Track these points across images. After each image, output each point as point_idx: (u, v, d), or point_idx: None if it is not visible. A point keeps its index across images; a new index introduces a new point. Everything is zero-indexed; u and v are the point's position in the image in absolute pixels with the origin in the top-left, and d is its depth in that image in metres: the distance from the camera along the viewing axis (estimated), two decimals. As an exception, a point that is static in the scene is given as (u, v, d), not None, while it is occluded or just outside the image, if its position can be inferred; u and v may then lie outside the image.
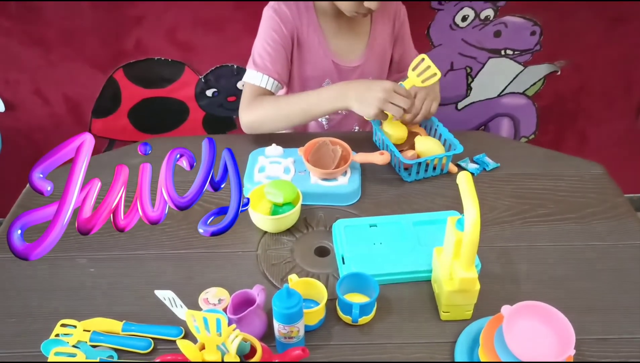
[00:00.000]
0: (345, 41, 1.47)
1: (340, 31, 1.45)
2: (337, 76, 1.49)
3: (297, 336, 0.90)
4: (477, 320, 0.96)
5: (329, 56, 1.45)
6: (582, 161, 1.34)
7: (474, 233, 0.85)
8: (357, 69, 1.49)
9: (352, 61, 1.48)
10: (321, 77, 1.49)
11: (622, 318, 0.97)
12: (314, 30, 1.42)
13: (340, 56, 1.47)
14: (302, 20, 1.41)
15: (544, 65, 1.94)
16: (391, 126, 1.31)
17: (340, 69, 1.48)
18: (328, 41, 1.45)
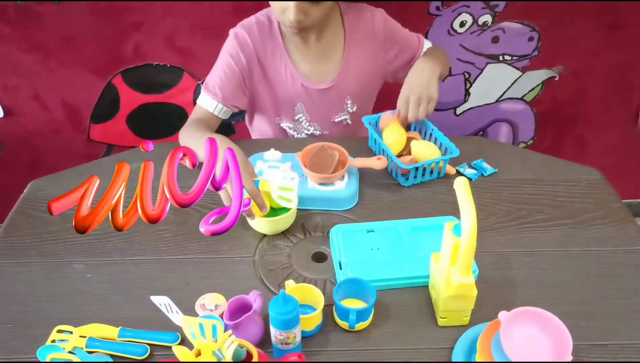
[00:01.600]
0: (316, 64, 1.44)
1: (309, 54, 1.43)
2: (308, 99, 1.47)
3: (293, 342, 0.89)
4: (474, 325, 0.96)
5: (297, 79, 1.43)
6: (580, 167, 1.34)
7: (471, 239, 0.84)
8: (329, 90, 1.46)
9: (323, 83, 1.46)
10: (292, 101, 1.48)
11: (620, 324, 0.97)
12: (279, 55, 1.41)
13: (310, 78, 1.44)
14: (265, 46, 1.40)
15: (542, 70, 1.94)
16: (391, 132, 1.31)
17: (310, 92, 1.46)
18: (295, 65, 1.42)
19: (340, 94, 1.48)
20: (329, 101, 1.47)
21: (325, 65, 1.44)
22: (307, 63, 1.43)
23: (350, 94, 1.49)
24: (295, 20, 1.25)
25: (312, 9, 1.25)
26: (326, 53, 1.43)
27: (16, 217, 1.22)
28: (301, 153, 1.26)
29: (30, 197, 1.28)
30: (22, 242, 1.16)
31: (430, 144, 1.31)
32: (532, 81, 1.98)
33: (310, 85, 1.44)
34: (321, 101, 1.47)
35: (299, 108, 1.48)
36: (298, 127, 1.54)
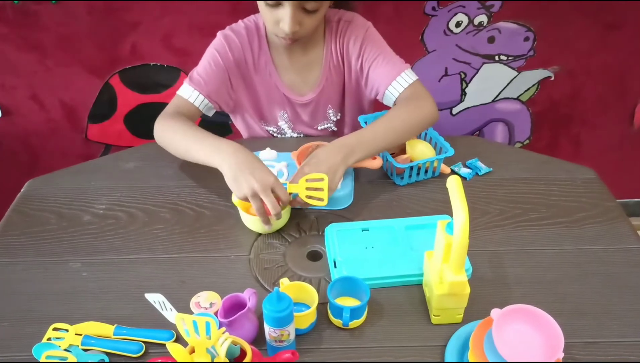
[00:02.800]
0: (298, 75, 1.41)
1: (293, 64, 1.40)
2: (291, 110, 1.45)
3: (287, 339, 0.90)
4: (467, 323, 0.96)
5: (281, 89, 1.41)
6: (574, 166, 1.34)
7: (463, 237, 0.85)
8: (310, 103, 1.44)
9: (304, 96, 1.43)
10: (275, 108, 1.46)
11: (611, 322, 0.98)
12: (265, 62, 1.38)
13: (293, 89, 1.42)
14: (253, 51, 1.37)
15: (537, 70, 1.95)
16: None
17: (292, 103, 1.44)
18: (280, 74, 1.40)
19: (322, 106, 1.45)
20: (311, 112, 1.45)
21: (308, 76, 1.41)
22: (291, 73, 1.41)
23: (333, 104, 1.46)
24: (290, 31, 1.20)
25: (306, 19, 1.21)
26: (309, 64, 1.40)
27: (13, 216, 1.23)
28: (297, 152, 1.27)
29: (27, 196, 1.29)
30: (18, 241, 1.16)
31: (425, 144, 1.32)
32: (527, 81, 1.99)
33: (292, 97, 1.42)
34: (303, 112, 1.45)
35: (282, 115, 1.47)
36: (282, 132, 1.53)
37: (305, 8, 1.18)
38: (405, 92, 1.32)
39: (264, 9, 1.21)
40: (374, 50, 1.34)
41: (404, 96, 1.31)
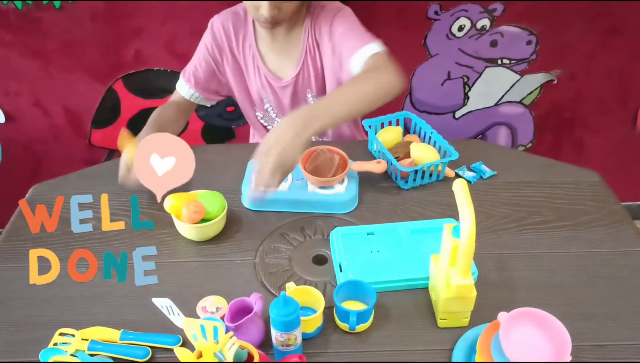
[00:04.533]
0: (279, 59, 1.43)
1: (275, 48, 1.42)
2: (272, 95, 1.47)
3: (294, 344, 0.90)
4: (474, 327, 0.96)
5: (262, 72, 1.44)
6: (579, 169, 1.34)
7: (470, 240, 0.85)
8: (288, 87, 1.44)
9: (283, 79, 1.44)
10: (260, 92, 1.48)
11: (618, 325, 0.98)
12: (249, 46, 1.42)
13: (273, 73, 1.44)
14: (237, 37, 1.41)
15: (540, 74, 1.95)
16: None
17: (272, 88, 1.46)
18: (263, 58, 1.43)
19: (301, 90, 1.46)
20: (290, 96, 1.46)
21: (288, 60, 1.43)
22: (272, 57, 1.43)
23: (312, 89, 1.46)
24: (269, 16, 1.24)
25: (284, 4, 1.25)
26: (289, 48, 1.41)
27: (18, 221, 1.23)
28: (301, 157, 1.27)
29: (32, 201, 1.29)
30: (24, 246, 1.16)
31: (429, 147, 1.32)
32: (530, 85, 1.98)
33: (272, 81, 1.44)
34: (283, 96, 1.46)
35: (266, 100, 1.49)
36: (267, 118, 1.55)
37: None
38: (367, 64, 1.25)
39: None
40: (341, 27, 1.32)
41: (366, 67, 1.25)
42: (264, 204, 1.22)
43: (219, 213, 1.15)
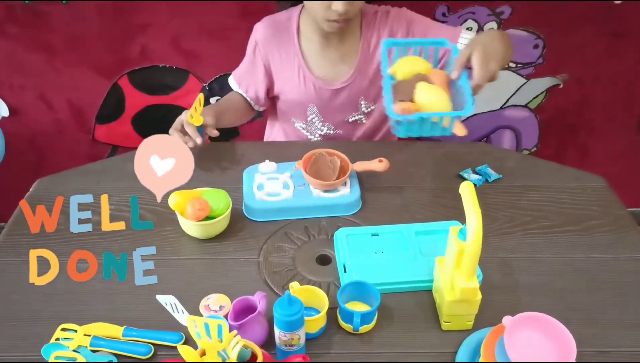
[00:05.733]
0: (331, 66, 1.44)
1: (326, 55, 1.42)
2: (320, 99, 1.47)
3: (297, 344, 0.89)
4: (478, 330, 0.96)
5: (310, 81, 1.43)
6: (584, 174, 1.34)
7: (476, 243, 0.85)
8: (341, 91, 1.45)
9: (335, 84, 1.45)
10: (304, 102, 1.49)
11: (623, 331, 0.97)
12: (294, 54, 1.42)
13: (324, 79, 1.44)
14: (279, 45, 1.41)
15: (546, 78, 1.95)
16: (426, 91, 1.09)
17: (322, 92, 1.45)
18: (309, 66, 1.43)
19: (354, 95, 1.46)
20: (341, 100, 1.46)
21: (341, 67, 1.43)
22: (322, 64, 1.43)
23: (365, 94, 1.47)
24: (344, 10, 1.23)
25: None
26: (344, 55, 1.42)
27: (21, 215, 1.23)
28: (301, 162, 1.26)
29: (35, 196, 1.29)
30: (26, 241, 1.16)
31: (440, 92, 1.10)
32: (536, 89, 1.98)
33: (322, 85, 1.44)
34: (333, 101, 1.46)
35: (311, 109, 1.49)
36: (311, 128, 1.55)
37: None
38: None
39: None
40: (422, 24, 1.40)
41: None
42: (270, 214, 1.21)
43: (223, 211, 1.14)
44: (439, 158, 1.40)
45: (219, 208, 1.14)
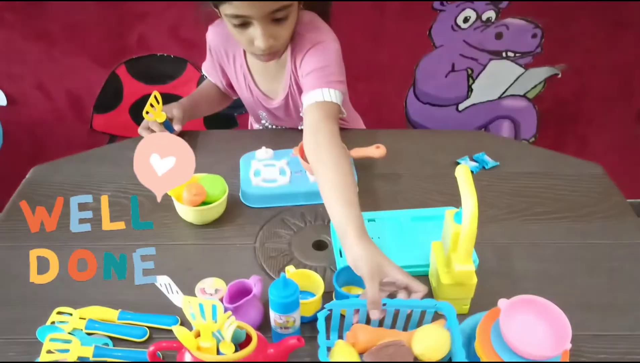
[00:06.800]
0: (271, 81, 1.37)
1: (265, 72, 1.35)
2: (266, 110, 1.43)
3: (293, 326, 0.89)
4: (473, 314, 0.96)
5: (255, 91, 1.39)
6: (582, 162, 1.34)
7: (472, 226, 0.85)
8: (280, 108, 1.40)
9: (274, 102, 1.39)
10: (254, 108, 1.46)
11: (618, 315, 0.97)
12: (240, 64, 1.36)
13: (266, 93, 1.39)
14: (228, 52, 1.36)
15: (544, 68, 1.95)
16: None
17: (266, 104, 1.41)
18: (255, 78, 1.37)
19: (293, 109, 1.40)
20: (284, 112, 1.42)
21: (279, 82, 1.36)
22: (263, 79, 1.38)
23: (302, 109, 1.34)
24: (266, 47, 1.13)
25: (279, 30, 1.14)
26: (279, 71, 1.33)
27: (18, 201, 1.23)
28: (298, 148, 1.25)
29: (33, 182, 1.29)
30: (23, 225, 1.15)
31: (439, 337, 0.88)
32: (534, 78, 1.98)
33: (263, 102, 1.40)
34: (279, 111, 1.42)
35: (262, 114, 1.47)
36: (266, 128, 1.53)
37: (275, 18, 1.12)
38: (317, 111, 1.16)
39: (235, 32, 1.16)
40: (309, 64, 1.22)
41: (314, 116, 1.16)
42: (266, 201, 1.21)
43: (219, 196, 1.14)
44: (436, 145, 1.39)
45: (215, 194, 1.14)
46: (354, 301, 0.88)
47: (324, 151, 1.08)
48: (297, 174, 1.25)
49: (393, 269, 0.92)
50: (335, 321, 0.90)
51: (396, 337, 0.87)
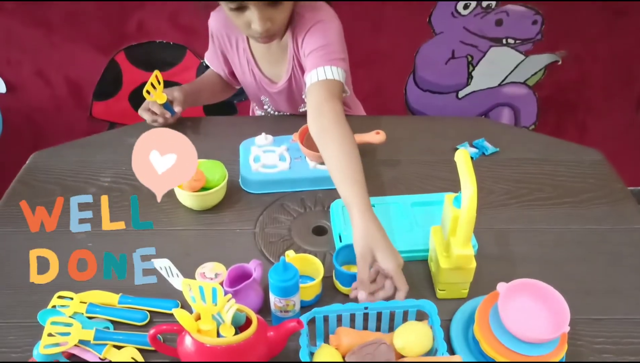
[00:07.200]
0: (273, 65, 1.38)
1: (268, 55, 1.36)
2: (268, 94, 1.44)
3: (292, 310, 0.90)
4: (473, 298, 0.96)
5: (257, 76, 1.40)
6: (582, 148, 1.34)
7: (471, 209, 0.85)
8: (283, 92, 1.40)
9: (276, 85, 1.40)
10: (257, 93, 1.46)
11: (617, 300, 0.98)
12: (243, 49, 1.37)
13: (269, 79, 1.40)
14: (231, 37, 1.36)
15: (545, 55, 1.94)
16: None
17: (269, 88, 1.41)
18: (258, 63, 1.38)
19: (296, 93, 1.41)
20: (287, 97, 1.42)
21: (281, 65, 1.36)
22: (266, 63, 1.38)
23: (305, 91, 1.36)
24: (262, 30, 1.15)
25: (275, 14, 1.15)
26: (281, 53, 1.34)
27: (18, 187, 1.23)
28: (297, 134, 1.25)
29: (32, 168, 1.29)
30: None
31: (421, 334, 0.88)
32: (535, 65, 1.97)
33: (267, 86, 1.41)
34: (281, 95, 1.42)
35: (264, 100, 1.47)
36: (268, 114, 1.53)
37: (271, 1, 1.13)
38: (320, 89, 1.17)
39: (232, 15, 1.16)
40: (312, 40, 1.23)
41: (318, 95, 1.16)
42: (266, 186, 1.21)
43: (219, 181, 1.14)
44: (436, 131, 1.39)
45: (215, 179, 1.14)
46: (336, 307, 0.87)
47: (328, 132, 1.09)
48: (297, 160, 1.25)
49: (385, 256, 0.92)
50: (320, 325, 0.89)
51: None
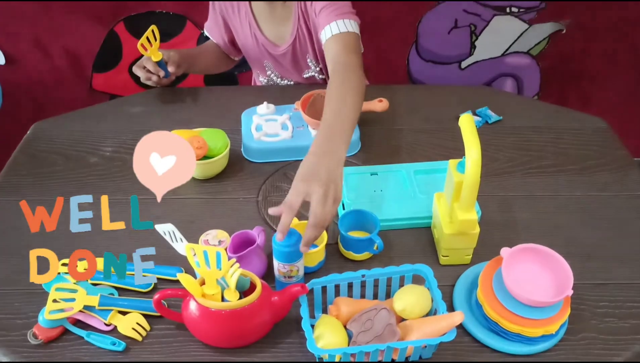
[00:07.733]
0: (277, 26, 1.38)
1: (271, 16, 1.36)
2: (272, 58, 1.44)
3: (296, 275, 0.90)
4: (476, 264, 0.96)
5: (260, 39, 1.40)
6: (585, 116, 1.33)
7: (475, 173, 0.84)
8: (287, 54, 1.40)
9: (280, 47, 1.40)
10: (260, 58, 1.46)
11: (619, 265, 0.98)
12: (246, 12, 1.37)
13: (271, 41, 1.40)
14: (233, 3, 1.37)
15: (549, 23, 1.92)
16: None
17: (272, 52, 1.41)
18: (260, 25, 1.38)
19: (300, 56, 1.41)
20: (290, 59, 1.42)
21: (285, 27, 1.37)
22: (269, 25, 1.38)
23: (309, 54, 1.41)
24: None
25: None
26: (286, 14, 1.35)
27: (20, 157, 1.23)
28: (299, 102, 1.25)
29: (34, 138, 1.29)
30: (25, 181, 1.16)
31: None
32: (538, 35, 1.95)
33: (270, 49, 1.40)
34: (284, 59, 1.42)
35: (267, 65, 1.47)
36: (273, 82, 1.53)
37: None
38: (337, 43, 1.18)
39: None
40: (319, 3, 1.24)
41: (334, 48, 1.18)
42: (268, 155, 1.21)
43: (221, 150, 1.14)
44: (439, 100, 1.39)
45: (217, 147, 1.14)
46: (333, 277, 0.88)
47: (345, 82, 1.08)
48: (299, 128, 1.24)
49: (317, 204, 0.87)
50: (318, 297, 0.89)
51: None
